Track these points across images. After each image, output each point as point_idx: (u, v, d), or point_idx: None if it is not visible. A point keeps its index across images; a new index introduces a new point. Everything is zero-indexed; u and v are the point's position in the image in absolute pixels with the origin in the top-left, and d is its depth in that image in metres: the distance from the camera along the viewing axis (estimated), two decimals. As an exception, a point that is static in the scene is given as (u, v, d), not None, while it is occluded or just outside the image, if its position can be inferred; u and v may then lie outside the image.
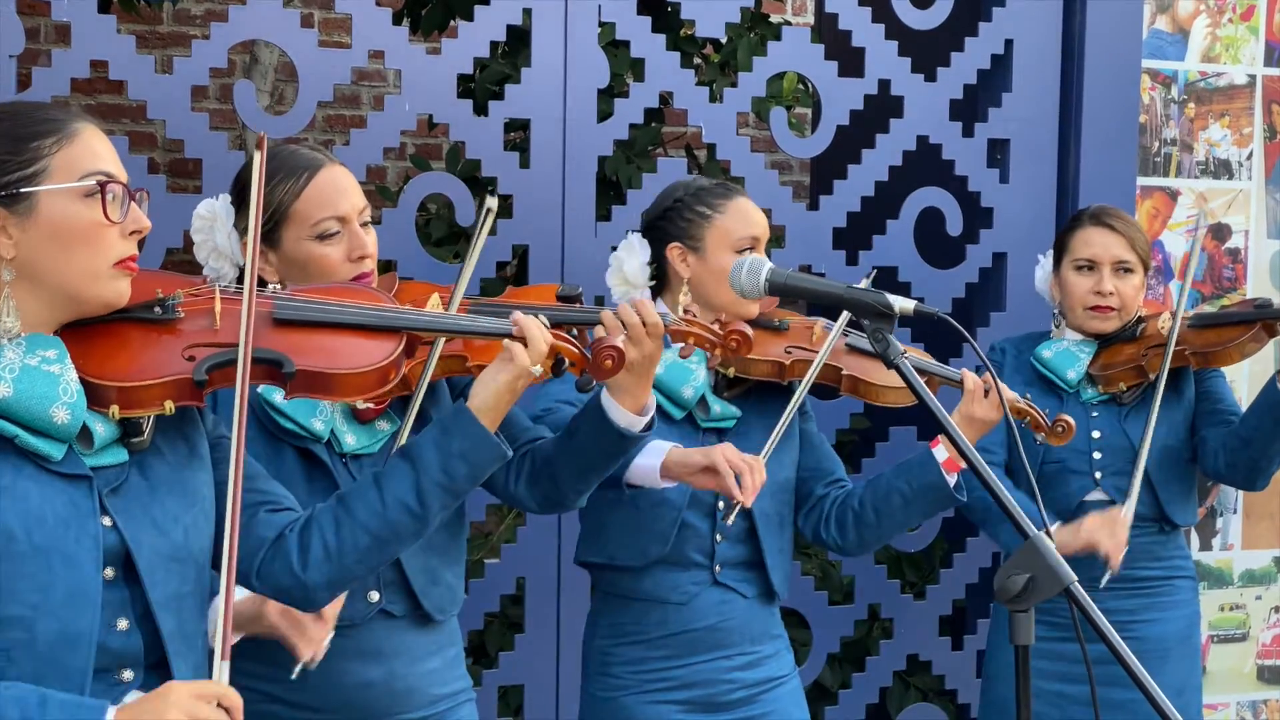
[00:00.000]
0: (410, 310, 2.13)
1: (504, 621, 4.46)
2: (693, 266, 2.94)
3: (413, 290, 2.47)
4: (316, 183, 2.44)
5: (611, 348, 2.18)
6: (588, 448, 2.48)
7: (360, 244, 2.44)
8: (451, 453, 2.08)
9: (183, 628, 1.92)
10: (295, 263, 2.43)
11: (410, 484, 2.08)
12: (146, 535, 1.89)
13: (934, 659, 4.05)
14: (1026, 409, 3.06)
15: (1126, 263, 3.51)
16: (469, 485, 2.12)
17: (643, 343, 2.34)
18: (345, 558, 2.07)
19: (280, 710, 2.39)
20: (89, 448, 1.89)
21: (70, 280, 1.89)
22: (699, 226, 2.94)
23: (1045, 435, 3.09)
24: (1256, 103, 4.17)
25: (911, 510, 2.96)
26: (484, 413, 2.09)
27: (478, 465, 2.10)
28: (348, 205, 2.44)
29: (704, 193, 2.98)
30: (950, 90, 3.92)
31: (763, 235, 2.97)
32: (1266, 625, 4.23)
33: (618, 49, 4.01)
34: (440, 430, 2.10)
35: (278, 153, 2.47)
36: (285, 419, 2.38)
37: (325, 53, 3.53)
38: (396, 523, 2.08)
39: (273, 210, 2.42)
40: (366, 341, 2.04)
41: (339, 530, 2.07)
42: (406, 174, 5.71)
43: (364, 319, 2.06)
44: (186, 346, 1.95)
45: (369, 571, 2.13)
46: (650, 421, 2.46)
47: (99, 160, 1.91)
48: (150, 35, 5.91)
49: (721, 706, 2.95)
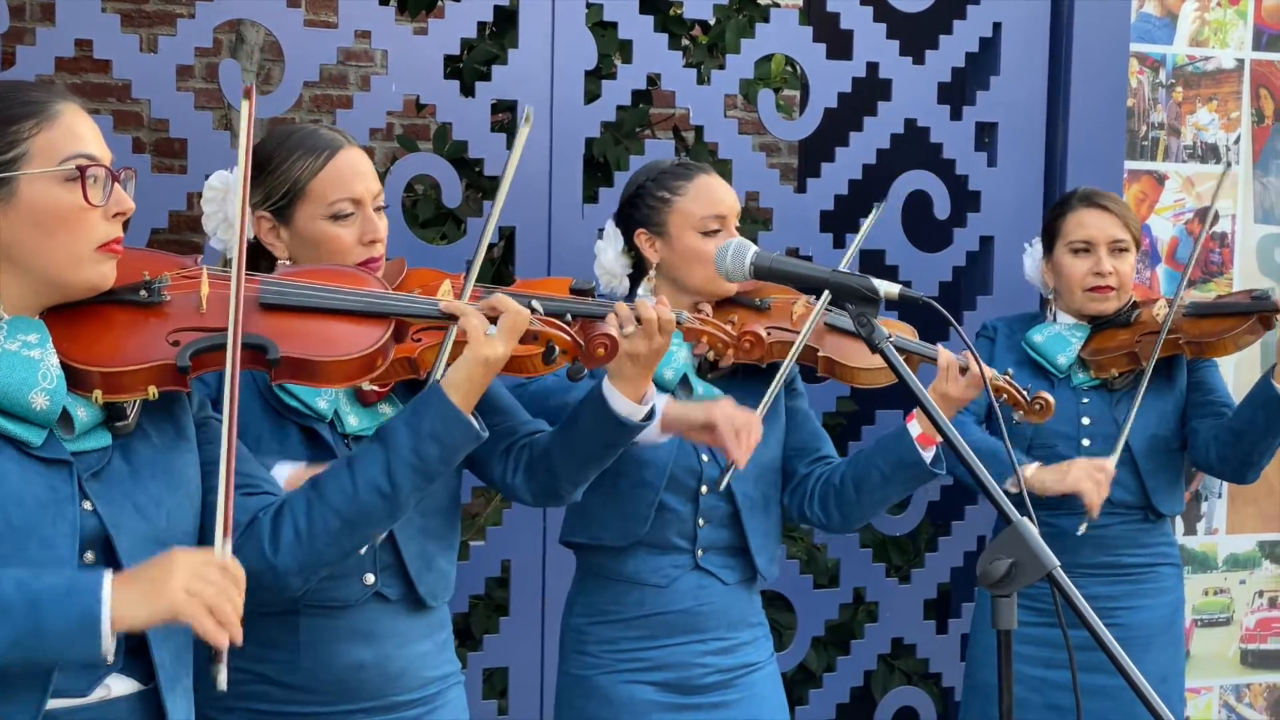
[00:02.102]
0: (400, 296, 2.12)
1: (489, 604, 4.46)
2: (660, 251, 2.93)
3: (422, 277, 2.47)
4: (335, 163, 2.44)
5: (605, 335, 2.18)
6: (587, 437, 2.48)
7: (373, 228, 2.44)
8: (423, 433, 2.07)
9: None
10: (307, 241, 2.43)
11: (381, 465, 2.07)
12: (127, 519, 1.89)
13: (918, 643, 4.06)
14: (1005, 386, 3.05)
15: (1122, 241, 3.51)
16: (442, 467, 2.10)
17: (654, 338, 2.37)
18: (316, 541, 2.07)
19: (272, 691, 2.39)
20: (70, 433, 1.89)
21: (53, 265, 1.88)
22: (661, 211, 2.93)
23: (1024, 413, 3.09)
24: (1244, 87, 4.17)
25: (891, 486, 2.96)
26: (455, 390, 2.08)
27: (450, 446, 2.09)
28: (363, 188, 2.44)
29: (664, 176, 2.96)
30: (938, 73, 3.92)
31: (729, 213, 2.93)
32: (1250, 610, 4.24)
33: (605, 30, 4.00)
34: (411, 411, 2.09)
35: (297, 130, 2.47)
36: (290, 396, 2.37)
37: (311, 32, 3.52)
38: (367, 505, 2.07)
39: (289, 186, 2.42)
40: (354, 327, 2.03)
41: (310, 513, 2.07)
42: (393, 155, 5.69)
43: (351, 304, 2.05)
44: (171, 331, 1.94)
45: (341, 556, 2.12)
46: (651, 411, 2.47)
47: (80, 142, 1.89)
48: (136, 14, 5.88)
49: (695, 689, 2.95)
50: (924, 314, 2.22)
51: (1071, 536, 3.46)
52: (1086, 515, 3.39)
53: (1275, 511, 4.25)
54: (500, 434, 2.54)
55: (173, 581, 1.74)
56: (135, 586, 1.75)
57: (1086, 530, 3.43)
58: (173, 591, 1.73)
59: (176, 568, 1.75)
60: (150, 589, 1.74)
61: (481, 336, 2.07)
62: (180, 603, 1.73)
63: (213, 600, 1.74)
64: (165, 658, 1.91)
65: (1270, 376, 3.41)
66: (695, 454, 2.93)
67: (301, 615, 2.39)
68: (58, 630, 1.73)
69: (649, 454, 2.88)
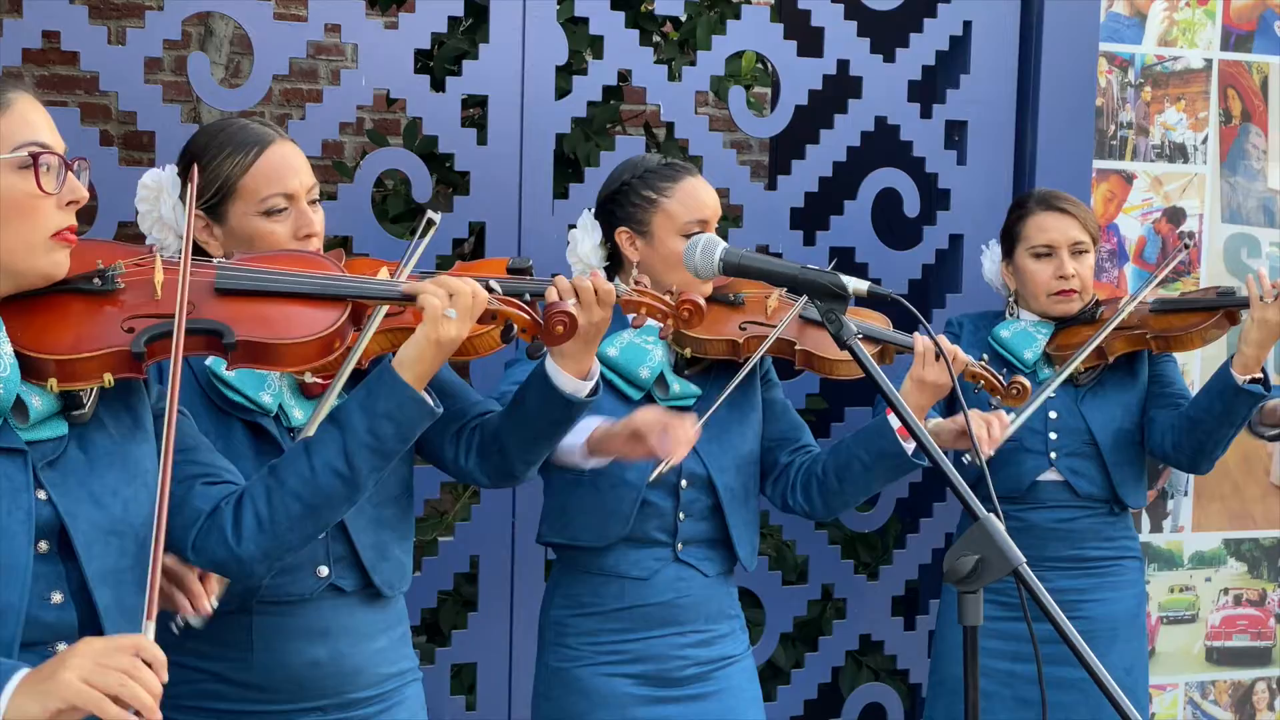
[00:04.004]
0: (355, 278, 2.11)
1: (457, 599, 4.46)
2: (641, 251, 2.94)
3: (360, 266, 2.46)
4: (266, 158, 2.41)
5: (563, 313, 2.17)
6: (534, 416, 2.47)
7: (307, 222, 2.42)
8: (377, 413, 2.06)
9: (120, 602, 1.90)
10: (241, 238, 2.41)
11: (338, 448, 2.06)
12: (83, 509, 1.88)
13: (886, 639, 4.07)
14: (981, 372, 3.07)
15: (1081, 244, 3.54)
16: (399, 445, 2.09)
17: (592, 309, 2.35)
18: (278, 527, 2.06)
19: (225, 689, 2.37)
20: (25, 422, 1.87)
21: (5, 253, 1.87)
22: (645, 211, 2.93)
23: (1001, 398, 3.11)
24: (1213, 87, 4.19)
25: (872, 476, 2.97)
26: (407, 369, 2.07)
27: (405, 424, 2.08)
28: (296, 183, 2.42)
29: (651, 175, 2.95)
30: (909, 71, 3.93)
31: (712, 217, 2.94)
32: (1216, 607, 4.26)
33: (576, 26, 3.99)
34: (365, 391, 2.08)
35: (228, 125, 2.45)
36: (233, 392, 2.36)
37: (281, 25, 3.50)
38: (327, 488, 2.06)
39: (219, 184, 2.40)
40: (310, 310, 2.02)
41: (270, 500, 2.06)
42: (363, 149, 5.68)
43: (306, 287, 2.04)
44: (126, 318, 1.93)
45: (304, 540, 2.11)
46: (596, 387, 2.46)
47: (32, 130, 1.88)
48: (103, 6, 5.84)
49: (674, 682, 2.96)
50: (893, 311, 2.23)
51: (1038, 529, 3.49)
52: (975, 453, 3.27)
53: (1241, 509, 4.28)
54: (450, 416, 2.52)
55: (64, 673, 1.64)
56: (32, 684, 1.68)
57: (974, 463, 3.33)
58: (66, 683, 1.64)
59: (73, 658, 1.66)
60: (43, 685, 1.67)
61: (439, 316, 2.06)
62: (73, 693, 1.64)
63: (113, 685, 1.63)
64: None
65: (1229, 365, 3.43)
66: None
67: (254, 614, 2.37)
68: None
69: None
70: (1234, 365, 3.42)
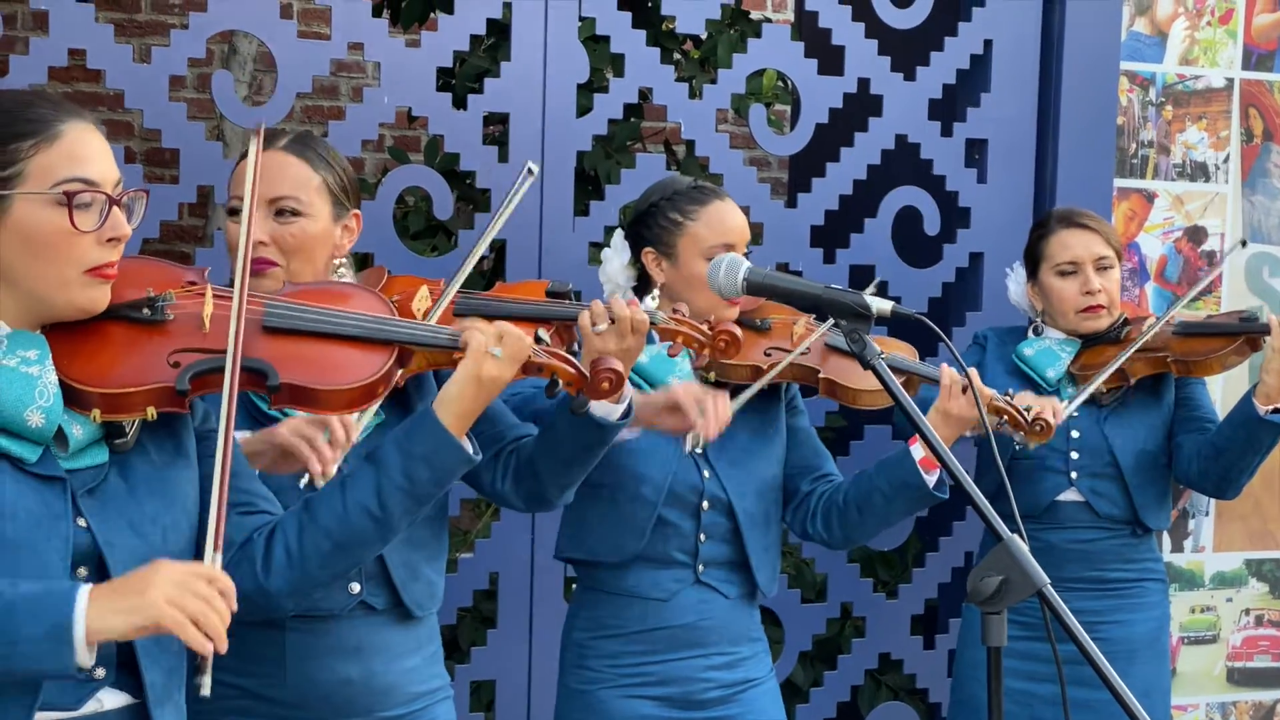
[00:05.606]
0: (406, 323, 2.08)
1: (477, 616, 4.46)
2: (666, 273, 2.93)
3: (402, 284, 2.45)
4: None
5: (610, 370, 2.14)
6: (566, 441, 2.47)
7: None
8: (414, 455, 2.03)
9: None
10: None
11: (372, 487, 2.04)
12: (121, 537, 1.88)
13: (905, 658, 4.06)
14: (1004, 407, 3.05)
15: (1106, 258, 3.53)
16: (433, 489, 2.06)
17: (626, 337, 2.36)
18: (308, 563, 2.04)
19: (257, 706, 2.38)
20: (65, 450, 1.88)
21: (40, 286, 1.87)
22: (672, 233, 2.92)
23: (1024, 434, 3.09)
24: (1234, 106, 4.19)
25: (893, 507, 2.96)
26: (446, 409, 2.04)
27: (440, 469, 2.05)
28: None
29: (679, 198, 2.95)
30: (929, 90, 3.93)
31: (738, 240, 2.92)
32: (1237, 628, 4.25)
33: (597, 44, 4.00)
34: (404, 432, 2.06)
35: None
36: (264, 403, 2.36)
37: (304, 44, 3.52)
38: (357, 527, 2.04)
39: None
40: (357, 353, 1.99)
41: (301, 535, 2.04)
42: (384, 166, 5.69)
43: (355, 330, 2.01)
44: (172, 351, 1.92)
45: (333, 577, 2.10)
46: (628, 409, 2.45)
47: (78, 165, 1.87)
48: (129, 24, 5.88)
49: (697, 705, 2.95)
50: (914, 330, 2.23)
51: (1057, 550, 3.48)
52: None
53: (1262, 529, 4.26)
54: (487, 441, 2.52)
55: (152, 592, 1.71)
56: (113, 598, 1.72)
57: (1024, 445, 3.36)
58: (152, 602, 1.70)
59: (158, 578, 1.72)
60: (128, 600, 1.71)
61: (482, 352, 2.03)
62: (161, 613, 1.70)
63: (196, 611, 1.71)
64: (156, 675, 1.90)
65: (1252, 395, 3.42)
66: (697, 470, 2.93)
67: (287, 630, 2.37)
68: (30, 639, 1.70)
69: (645, 469, 2.88)
70: (1256, 395, 3.41)
